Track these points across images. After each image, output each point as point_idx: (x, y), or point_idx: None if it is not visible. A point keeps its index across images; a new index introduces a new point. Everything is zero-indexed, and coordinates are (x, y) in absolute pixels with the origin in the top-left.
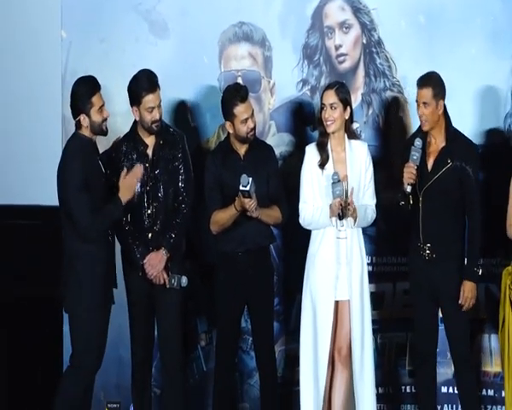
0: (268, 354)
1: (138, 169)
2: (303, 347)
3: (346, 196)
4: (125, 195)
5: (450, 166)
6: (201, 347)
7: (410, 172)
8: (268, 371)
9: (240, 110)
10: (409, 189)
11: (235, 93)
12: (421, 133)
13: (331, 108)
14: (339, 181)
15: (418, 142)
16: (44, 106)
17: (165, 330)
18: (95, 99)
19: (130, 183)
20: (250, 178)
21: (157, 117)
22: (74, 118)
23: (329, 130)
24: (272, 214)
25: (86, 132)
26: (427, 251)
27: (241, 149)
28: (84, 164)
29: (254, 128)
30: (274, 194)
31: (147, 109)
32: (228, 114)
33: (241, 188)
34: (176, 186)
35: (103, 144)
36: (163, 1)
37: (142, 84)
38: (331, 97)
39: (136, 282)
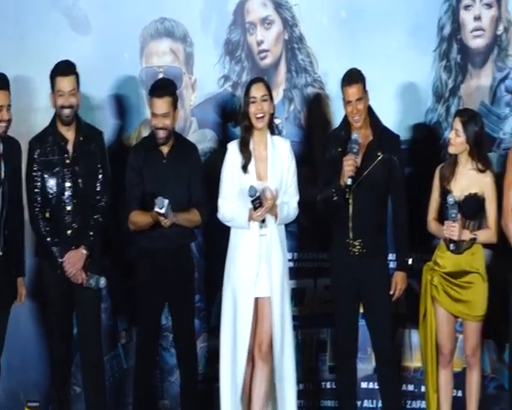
0: (189, 351)
1: None
2: (223, 343)
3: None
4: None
5: (380, 158)
6: (122, 344)
7: (350, 165)
8: (188, 367)
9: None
10: (349, 181)
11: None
12: (347, 128)
13: (262, 100)
14: (256, 192)
15: (356, 134)
16: None
17: (85, 328)
18: None
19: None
20: (166, 201)
21: (66, 103)
22: None
23: (260, 125)
24: (191, 219)
25: None
26: (358, 247)
27: (165, 148)
28: None
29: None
30: (195, 196)
31: (57, 93)
32: None
33: (156, 210)
34: (95, 183)
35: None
36: None
37: (56, 68)
38: (261, 90)
39: (55, 279)
